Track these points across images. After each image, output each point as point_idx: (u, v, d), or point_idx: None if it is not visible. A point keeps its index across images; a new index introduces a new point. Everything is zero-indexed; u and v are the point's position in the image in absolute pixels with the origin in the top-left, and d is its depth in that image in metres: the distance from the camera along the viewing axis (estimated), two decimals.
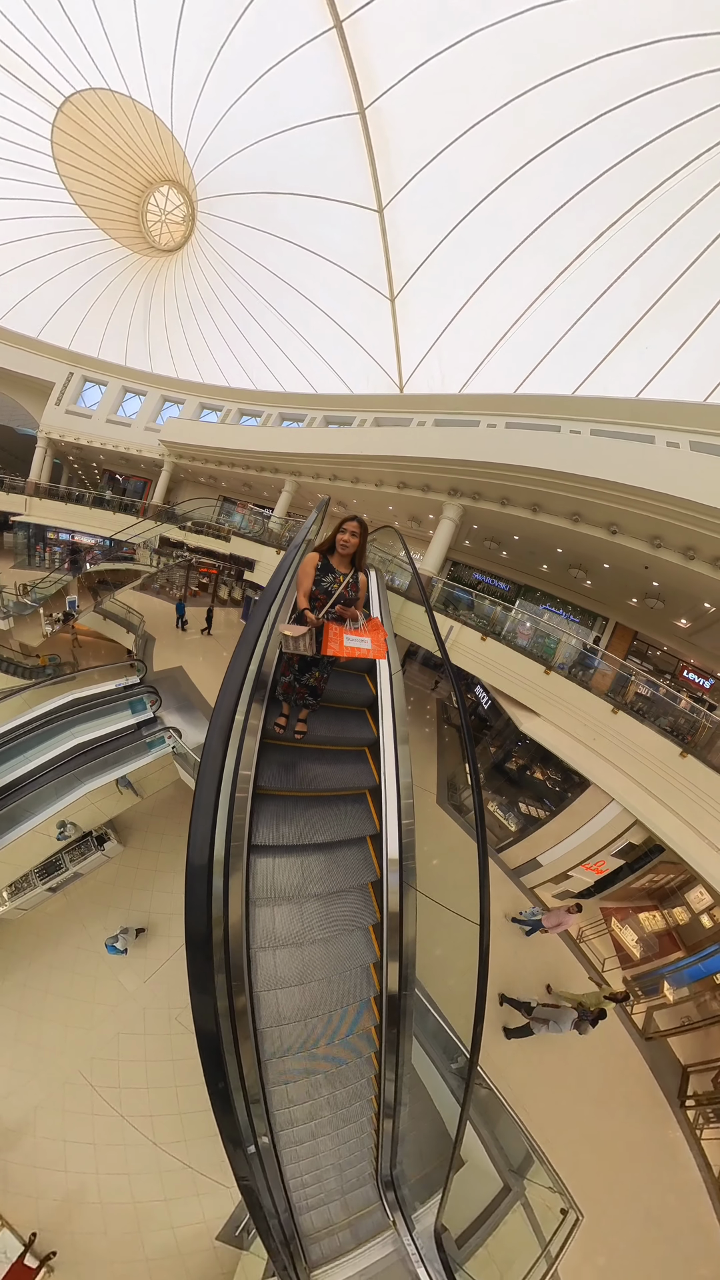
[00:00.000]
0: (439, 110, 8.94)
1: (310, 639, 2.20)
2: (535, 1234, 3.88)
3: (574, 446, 7.61)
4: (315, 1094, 2.72)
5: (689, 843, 5.53)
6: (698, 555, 6.60)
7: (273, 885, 2.30)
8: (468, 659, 7.79)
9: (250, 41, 9.21)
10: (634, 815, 6.12)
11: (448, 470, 9.44)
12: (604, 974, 6.92)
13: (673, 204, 9.02)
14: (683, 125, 8.32)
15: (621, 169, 8.98)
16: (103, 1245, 5.09)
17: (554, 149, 8.99)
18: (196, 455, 16.11)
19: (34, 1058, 6.24)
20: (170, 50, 10.25)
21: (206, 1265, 5.14)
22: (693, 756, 5.66)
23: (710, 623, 8.58)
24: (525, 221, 10.03)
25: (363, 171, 10.07)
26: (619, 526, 7.23)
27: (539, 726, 6.92)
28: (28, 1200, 5.17)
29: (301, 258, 12.87)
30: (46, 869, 7.84)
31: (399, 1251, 3.04)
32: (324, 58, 8.68)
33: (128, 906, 8.00)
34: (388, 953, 2.51)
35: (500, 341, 11.51)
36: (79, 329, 16.49)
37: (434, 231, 10.68)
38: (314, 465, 13.20)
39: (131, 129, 12.77)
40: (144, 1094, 6.08)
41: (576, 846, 7.09)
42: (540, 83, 8.23)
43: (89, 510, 16.12)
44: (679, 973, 7.08)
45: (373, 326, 12.93)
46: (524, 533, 9.81)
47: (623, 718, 6.25)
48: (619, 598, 10.22)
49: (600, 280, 10.10)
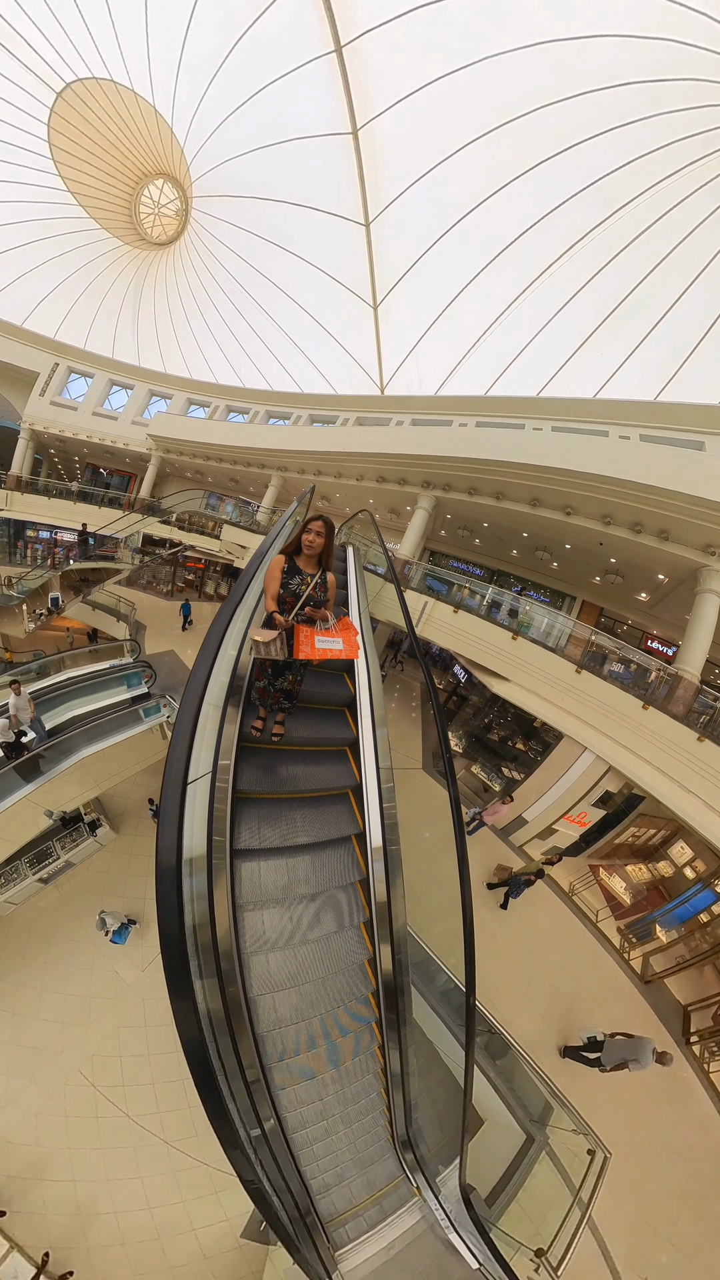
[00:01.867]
0: (426, 135, 9.53)
1: (281, 643, 2.12)
2: (565, 1183, 3.63)
3: (535, 442, 8.32)
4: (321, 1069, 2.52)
5: (660, 783, 5.78)
6: (644, 529, 7.29)
7: (259, 889, 2.18)
8: (441, 633, 8.20)
9: (257, 51, 9.43)
10: (607, 761, 6.33)
11: (423, 465, 10.02)
12: (598, 924, 6.84)
13: (626, 229, 9.93)
14: (634, 162, 9.23)
15: (582, 197, 9.79)
16: (121, 1258, 4.61)
17: (525, 176, 9.74)
18: (185, 450, 16.03)
19: (32, 1061, 5.76)
20: (178, 50, 10.26)
21: (234, 1266, 4.71)
22: (654, 708, 5.97)
23: (666, 593, 9.24)
24: (498, 240, 10.73)
25: (353, 187, 10.54)
26: (573, 508, 7.95)
27: (510, 689, 7.32)
28: (36, 1218, 4.69)
29: (291, 262, 13.14)
30: (38, 857, 7.45)
31: (427, 1219, 2.78)
32: (324, 78, 9.10)
33: (122, 894, 7.63)
34: (379, 936, 2.39)
35: (473, 348, 12.17)
36: (65, 319, 16.02)
37: (415, 246, 11.24)
38: (300, 461, 13.47)
39: (131, 121, 12.58)
40: (149, 1090, 5.69)
41: (557, 799, 7.19)
42: (516, 116, 9.01)
43: (73, 505, 15.43)
44: (668, 915, 7.09)
45: (356, 331, 13.37)
46: (491, 519, 10.43)
47: (586, 676, 6.52)
48: (583, 577, 10.86)
49: (563, 293, 10.90)
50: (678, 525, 6.81)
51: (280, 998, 2.13)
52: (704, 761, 5.54)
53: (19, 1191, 4.84)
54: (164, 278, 16.15)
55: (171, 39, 10.10)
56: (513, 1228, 3.27)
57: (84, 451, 18.42)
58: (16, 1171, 4.98)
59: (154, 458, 16.69)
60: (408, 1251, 2.64)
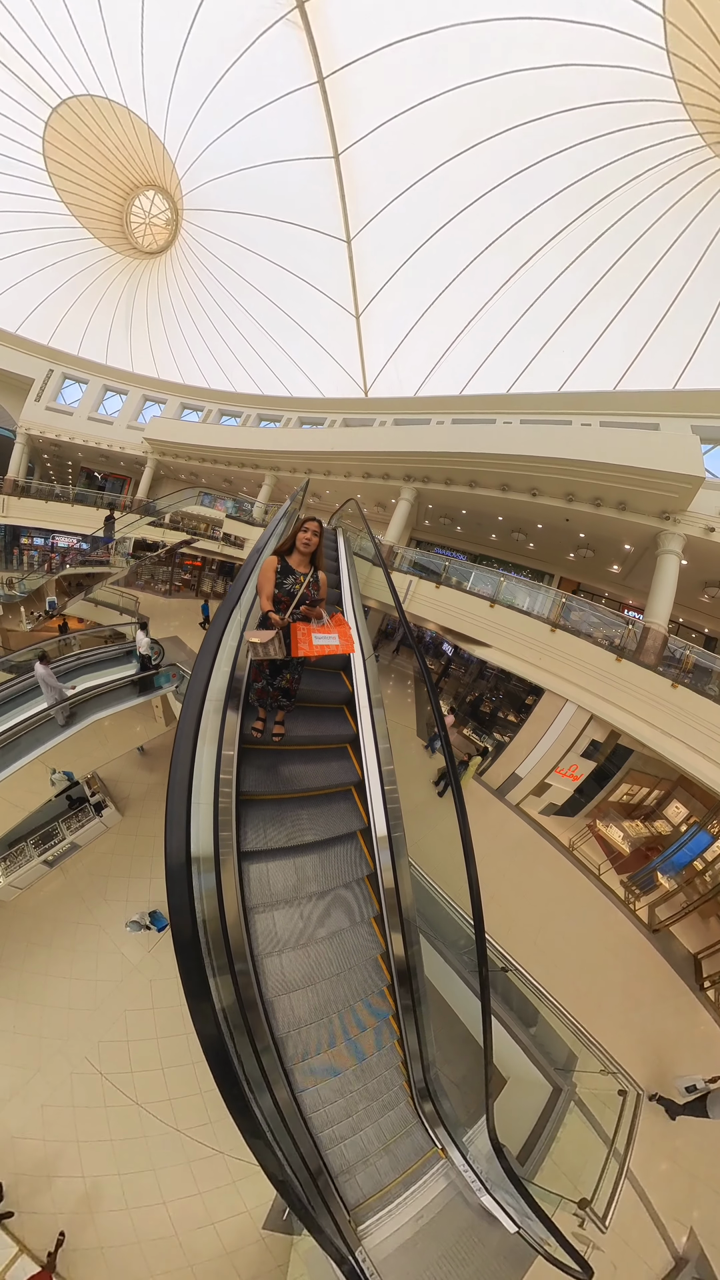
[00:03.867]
0: (402, 158, 10.17)
1: (278, 642, 2.10)
2: (599, 1133, 3.35)
3: (504, 434, 9.03)
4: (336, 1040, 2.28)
5: (643, 729, 5.98)
6: (604, 503, 7.93)
7: (268, 890, 2.12)
8: (426, 606, 8.68)
9: (247, 77, 9.84)
10: (588, 711, 6.57)
11: (404, 461, 10.63)
12: (601, 877, 6.75)
13: (582, 237, 10.74)
14: (580, 181, 10.02)
15: (542, 210, 10.57)
16: (137, 1256, 4.24)
17: (491, 192, 10.47)
18: (180, 453, 16.25)
19: (37, 1050, 5.44)
20: (172, 72, 10.57)
21: (258, 1259, 4.31)
22: (626, 660, 6.28)
23: (634, 563, 9.83)
24: (467, 251, 11.41)
25: (335, 206, 11.09)
26: (538, 489, 8.60)
27: (491, 654, 7.80)
28: (45, 1218, 4.32)
29: (278, 274, 13.54)
30: (43, 838, 7.33)
31: (454, 1185, 2.45)
32: (308, 105, 9.62)
33: (128, 875, 7.39)
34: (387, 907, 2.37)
35: (448, 351, 12.78)
36: (59, 326, 16.02)
37: (393, 259, 11.83)
38: (291, 461, 13.90)
39: (124, 136, 12.78)
40: (159, 1076, 5.34)
41: (546, 752, 7.21)
42: (480, 141, 9.73)
43: (71, 508, 15.30)
44: (667, 861, 7.01)
45: (340, 338, 13.88)
46: (468, 506, 11.07)
47: (561, 635, 6.90)
48: (558, 555, 11.43)
49: (527, 297, 11.63)
50: (633, 496, 7.43)
51: (296, 997, 2.06)
52: (680, 706, 5.76)
53: (27, 1192, 4.44)
54: (156, 285, 16.30)
55: (167, 61, 10.41)
56: (549, 1184, 2.96)
57: (79, 456, 18.41)
58: (24, 1169, 4.61)
59: (150, 460, 16.83)
60: (437, 1222, 2.32)
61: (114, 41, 10.43)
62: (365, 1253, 2.15)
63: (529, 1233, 2.33)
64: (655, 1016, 5.01)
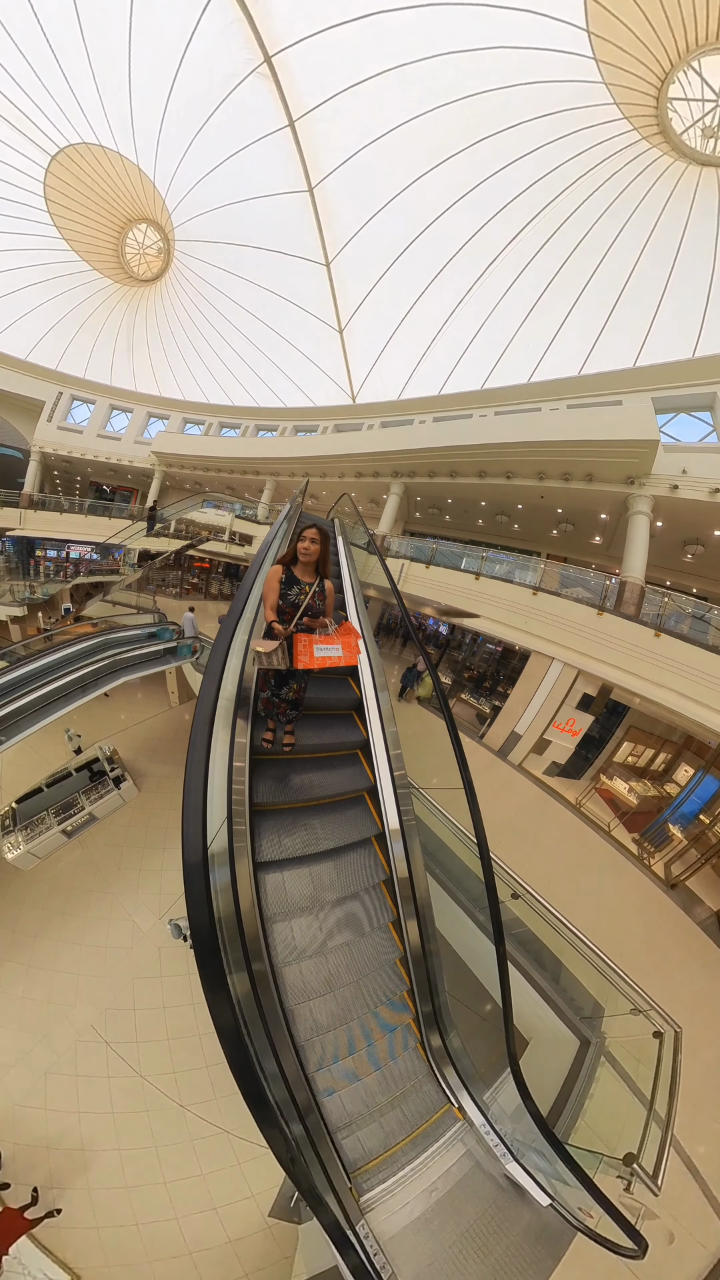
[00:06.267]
0: (369, 186, 10.99)
1: (282, 653, 2.05)
2: (633, 1091, 2.83)
3: (479, 426, 9.70)
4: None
5: (625, 679, 5.96)
6: (573, 477, 8.40)
7: (285, 899, 2.04)
8: (418, 585, 9.24)
9: (227, 122, 10.63)
10: (575, 667, 6.56)
11: (391, 459, 11.31)
12: (612, 833, 6.22)
13: (537, 237, 11.56)
14: (532, 187, 10.87)
15: (495, 220, 11.42)
16: (134, 1239, 3.84)
17: (451, 209, 11.34)
18: (185, 464, 16.86)
19: (43, 1014, 5.21)
20: (158, 121, 11.35)
21: (262, 1249, 3.87)
22: (608, 614, 6.33)
23: (613, 532, 9.88)
24: (435, 262, 12.25)
25: (313, 234, 11.89)
26: (512, 472, 9.21)
27: (480, 623, 8.07)
28: (43, 1193, 4.02)
29: (266, 295, 14.25)
30: (63, 808, 7.33)
31: (472, 1154, 1.99)
32: (283, 146, 10.44)
33: (143, 846, 7.34)
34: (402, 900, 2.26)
35: (425, 354, 13.53)
36: (66, 351, 16.65)
37: (370, 276, 12.62)
38: (289, 466, 14.59)
39: (117, 177, 13.53)
40: (164, 1047, 5.05)
41: (541, 707, 7.10)
42: (439, 163, 10.60)
43: (84, 519, 15.92)
44: (678, 811, 6.61)
45: (327, 350, 14.59)
46: (451, 495, 11.74)
47: (542, 597, 7.12)
48: (542, 532, 11.73)
49: (492, 298, 12.39)
50: (598, 467, 7.92)
51: (316, 1005, 1.93)
52: (665, 655, 5.65)
53: (25, 1165, 4.10)
54: (153, 310, 16.94)
55: (154, 111, 11.17)
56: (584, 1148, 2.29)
57: (88, 470, 18.96)
58: (23, 1139, 4.28)
59: (157, 472, 17.43)
60: (455, 1198, 1.86)
61: (105, 95, 11.20)
62: (367, 1226, 1.74)
63: (564, 1205, 1.82)
64: (688, 976, 4.29)
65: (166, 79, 10.32)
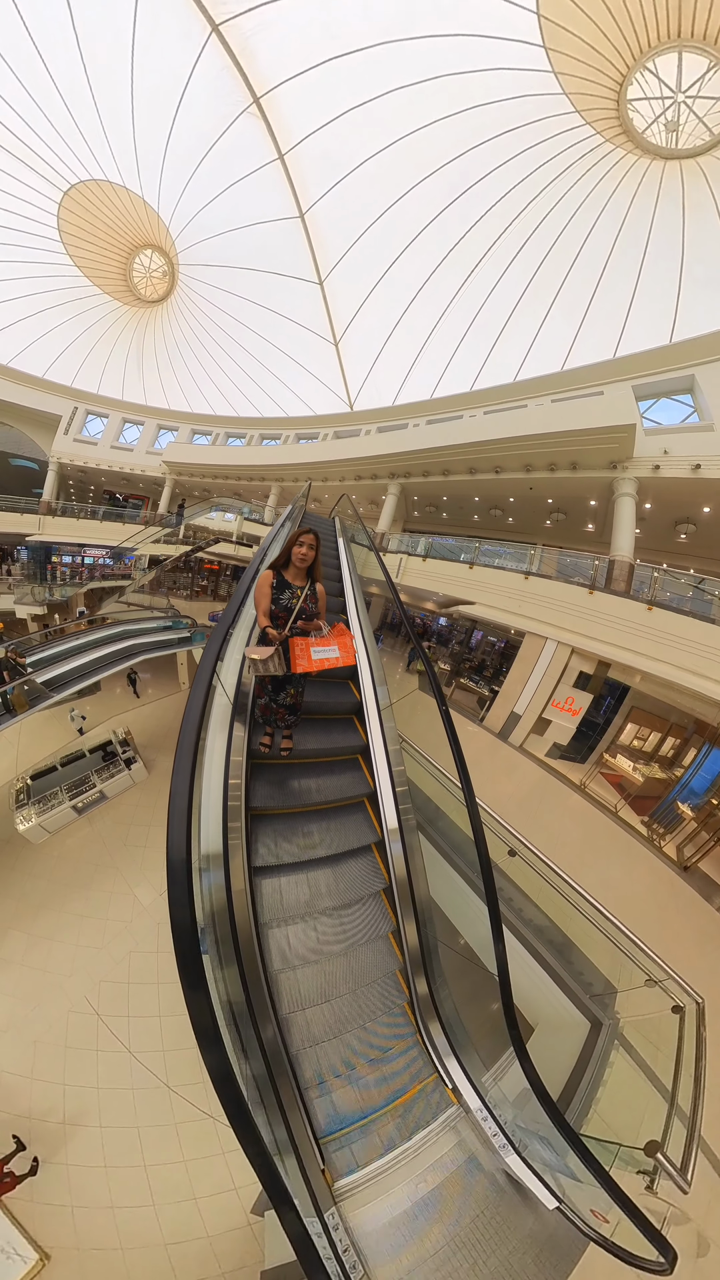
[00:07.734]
0: (356, 209, 11.73)
1: (278, 658, 1.99)
2: (651, 1080, 2.44)
3: (468, 426, 10.16)
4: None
5: (619, 654, 5.95)
6: (558, 466, 8.69)
7: (280, 905, 1.96)
8: (416, 577, 9.68)
9: (223, 157, 11.41)
10: (569, 645, 6.53)
11: (387, 462, 11.84)
12: (619, 813, 5.79)
13: (511, 244, 12.17)
14: (506, 196, 11.47)
15: (474, 231, 12.04)
16: (108, 1224, 3.59)
17: (431, 225, 12.03)
18: (195, 472, 17.46)
19: (39, 983, 5.09)
20: (160, 158, 12.15)
21: (241, 1249, 3.54)
22: (599, 592, 6.38)
23: (605, 518, 9.63)
24: (420, 275, 12.92)
25: (305, 255, 12.67)
26: (501, 466, 9.65)
27: (476, 609, 8.25)
28: (16, 1162, 3.77)
29: (265, 313, 14.96)
30: (75, 785, 7.44)
31: (464, 1144, 1.66)
32: (275, 177, 11.22)
33: (149, 823, 7.39)
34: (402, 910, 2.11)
35: (415, 361, 14.19)
36: (81, 369, 17.41)
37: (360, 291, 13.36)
38: (292, 472, 15.16)
39: (124, 209, 14.34)
40: (154, 1024, 4.89)
41: (538, 686, 6.94)
42: (418, 182, 11.32)
43: (100, 524, 16.63)
44: (686, 789, 6.18)
45: (324, 362, 15.23)
46: (446, 492, 12.25)
47: (534, 580, 7.21)
48: (535, 523, 11.85)
49: (474, 304, 12.99)
50: (581, 455, 8.25)
51: (312, 1014, 1.81)
52: (660, 629, 5.55)
53: (4, 1137, 3.87)
54: (160, 329, 17.70)
55: (156, 149, 11.96)
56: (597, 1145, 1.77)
57: (102, 480, 19.62)
58: (4, 1107, 4.11)
59: (168, 480, 18.05)
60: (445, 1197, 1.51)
61: (111, 136, 12.03)
62: (339, 1217, 1.41)
63: (574, 1209, 1.48)
64: (699, 946, 3.90)
65: (167, 119, 11.09)
